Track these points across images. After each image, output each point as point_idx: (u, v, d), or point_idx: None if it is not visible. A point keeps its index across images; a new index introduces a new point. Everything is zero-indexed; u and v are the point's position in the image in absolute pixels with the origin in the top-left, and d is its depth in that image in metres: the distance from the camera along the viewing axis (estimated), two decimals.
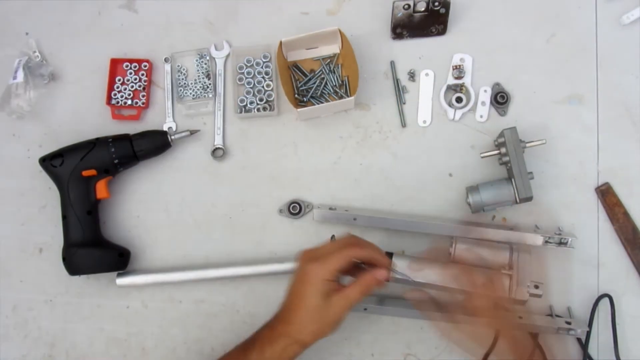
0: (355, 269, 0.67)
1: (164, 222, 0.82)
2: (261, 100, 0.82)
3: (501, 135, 0.73)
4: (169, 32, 0.86)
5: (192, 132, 0.81)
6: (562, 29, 0.81)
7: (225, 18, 0.85)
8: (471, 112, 0.80)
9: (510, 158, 0.71)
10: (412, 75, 0.81)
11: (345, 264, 0.65)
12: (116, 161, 0.77)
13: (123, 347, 0.81)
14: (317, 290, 0.64)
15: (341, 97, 0.81)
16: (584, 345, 0.73)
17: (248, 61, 0.82)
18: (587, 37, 0.80)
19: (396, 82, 0.81)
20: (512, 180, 0.72)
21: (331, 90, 0.81)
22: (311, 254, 0.66)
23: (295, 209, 0.79)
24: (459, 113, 0.80)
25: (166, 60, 0.84)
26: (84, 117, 0.85)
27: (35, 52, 0.86)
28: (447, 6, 0.77)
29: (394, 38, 0.82)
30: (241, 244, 0.81)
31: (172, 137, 0.80)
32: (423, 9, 0.78)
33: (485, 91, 0.80)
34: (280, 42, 0.78)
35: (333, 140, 0.82)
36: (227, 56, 0.84)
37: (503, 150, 0.73)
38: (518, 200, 0.72)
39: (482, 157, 0.75)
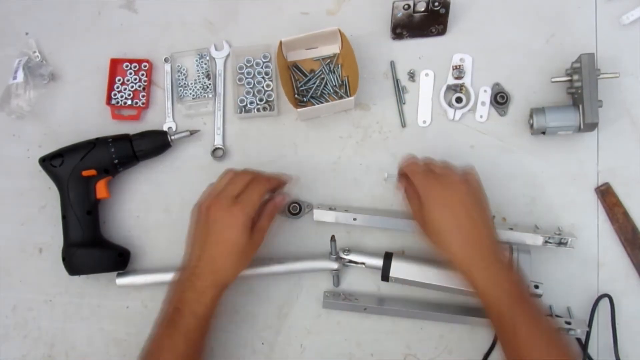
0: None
1: (164, 222, 0.82)
2: (261, 100, 0.82)
3: (577, 60, 0.74)
4: (169, 32, 0.86)
5: (192, 132, 0.81)
6: (562, 29, 0.81)
7: (225, 18, 0.85)
8: (471, 112, 0.80)
9: (583, 83, 0.72)
10: (412, 76, 0.81)
11: (262, 198, 0.70)
12: (116, 161, 0.77)
13: (123, 347, 0.81)
14: (243, 230, 0.67)
15: (341, 97, 0.81)
16: (583, 345, 0.73)
17: (248, 61, 0.82)
18: (587, 37, 0.80)
19: (396, 82, 0.81)
20: (580, 106, 0.72)
21: (331, 90, 0.81)
22: (218, 199, 0.69)
23: (295, 209, 0.79)
24: (459, 113, 0.80)
25: (166, 60, 0.84)
26: (84, 117, 0.85)
27: (35, 52, 0.86)
28: (447, 6, 0.77)
29: (394, 38, 0.82)
30: None
31: (172, 137, 0.80)
32: (423, 9, 0.78)
33: (485, 91, 0.80)
34: (280, 42, 0.78)
35: (333, 140, 0.82)
36: (227, 56, 0.84)
37: (575, 77, 0.73)
38: (583, 125, 0.72)
39: (553, 82, 0.76)
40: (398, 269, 0.72)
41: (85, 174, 0.76)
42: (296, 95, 0.81)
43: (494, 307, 0.62)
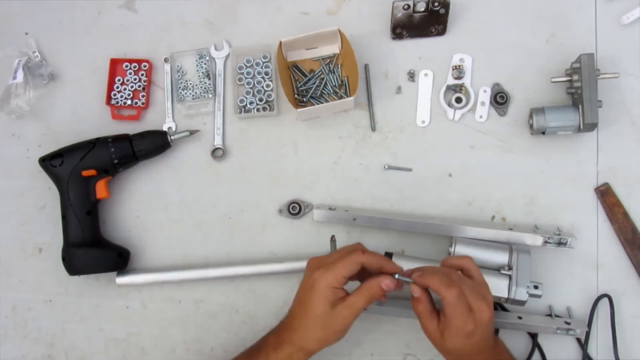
0: (362, 275, 0.66)
1: (163, 222, 0.82)
2: (261, 100, 0.82)
3: (577, 60, 0.74)
4: (169, 32, 0.86)
5: (192, 132, 0.81)
6: (562, 29, 0.81)
7: (225, 18, 0.85)
8: (471, 112, 0.80)
9: (582, 83, 0.72)
10: (411, 76, 0.81)
11: (353, 271, 0.63)
12: (116, 161, 0.77)
13: (122, 347, 0.81)
14: (323, 298, 0.63)
15: (341, 97, 0.81)
16: (583, 345, 0.73)
17: (248, 61, 0.82)
18: (587, 37, 0.80)
19: (368, 84, 0.81)
20: (580, 106, 0.73)
21: (331, 90, 0.81)
22: (318, 262, 0.65)
23: (295, 209, 0.79)
24: (459, 113, 0.80)
25: (166, 60, 0.84)
26: (84, 117, 0.85)
27: (34, 52, 0.86)
28: (446, 6, 0.77)
29: (393, 38, 0.82)
30: (241, 244, 0.81)
31: (172, 137, 0.80)
32: (423, 9, 0.78)
33: (484, 91, 0.80)
34: (280, 42, 0.78)
35: (333, 140, 0.82)
36: (227, 56, 0.84)
37: (575, 77, 0.73)
38: (582, 125, 0.72)
39: (552, 82, 0.76)
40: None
41: (85, 174, 0.76)
42: (296, 95, 0.81)
43: None
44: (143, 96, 0.84)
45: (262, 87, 0.82)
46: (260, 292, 0.80)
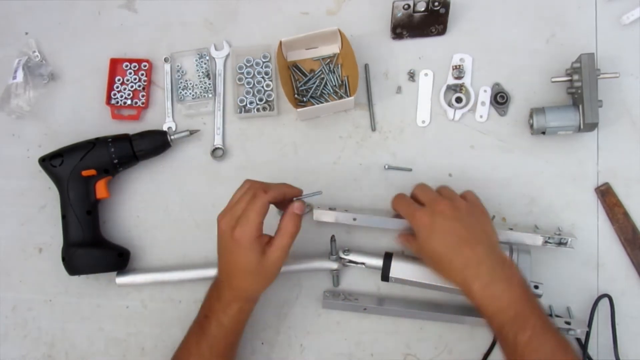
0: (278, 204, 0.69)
1: (164, 222, 0.82)
2: (261, 100, 0.82)
3: (577, 60, 0.74)
4: (169, 32, 0.86)
5: (192, 132, 0.81)
6: (562, 29, 0.81)
7: (225, 18, 0.85)
8: (471, 112, 0.80)
9: (582, 83, 0.72)
10: (411, 75, 0.81)
11: (265, 214, 0.65)
12: (116, 161, 0.77)
13: (122, 347, 0.81)
14: (251, 251, 0.64)
15: (341, 97, 0.81)
16: (583, 345, 0.73)
17: (248, 61, 0.82)
18: (587, 37, 0.80)
19: (368, 84, 0.81)
20: (580, 106, 0.72)
21: (331, 90, 0.81)
22: (229, 219, 0.66)
23: None
24: (459, 113, 0.80)
25: (166, 60, 0.84)
26: (84, 117, 0.85)
27: (34, 52, 0.86)
28: (447, 6, 0.77)
29: (394, 38, 0.82)
30: None
31: (172, 137, 0.80)
32: (423, 9, 0.78)
33: (485, 91, 0.80)
34: (280, 42, 0.78)
35: (333, 140, 0.82)
36: (227, 56, 0.84)
37: (575, 77, 0.73)
38: (583, 125, 0.72)
39: (553, 82, 0.76)
40: (398, 269, 0.72)
41: (85, 174, 0.76)
42: (296, 95, 0.81)
43: (495, 321, 0.62)
44: (143, 96, 0.84)
45: (262, 87, 0.82)
46: None
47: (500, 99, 0.79)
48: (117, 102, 0.84)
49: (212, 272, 0.78)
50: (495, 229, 0.68)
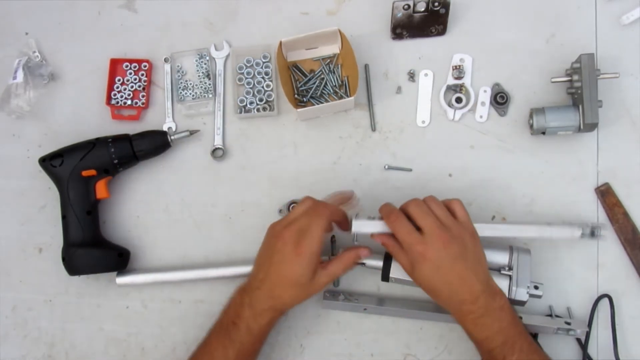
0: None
1: (164, 222, 0.82)
2: (261, 100, 0.82)
3: (577, 60, 0.73)
4: (169, 32, 0.86)
5: (192, 133, 0.81)
6: (562, 29, 0.81)
7: (225, 18, 0.85)
8: (471, 112, 0.80)
9: (582, 83, 0.72)
10: (411, 76, 0.81)
11: (328, 232, 0.67)
12: (116, 161, 0.77)
13: (122, 347, 0.81)
14: (307, 266, 0.65)
15: (341, 97, 0.81)
16: (583, 345, 0.73)
17: (248, 61, 0.82)
18: (587, 37, 0.80)
19: (368, 84, 0.81)
20: (580, 106, 0.72)
21: (331, 90, 0.81)
22: (292, 230, 0.66)
23: None
24: (459, 113, 0.80)
25: (166, 60, 0.84)
26: (84, 117, 0.85)
27: (35, 52, 0.86)
28: (447, 6, 0.77)
29: (393, 38, 0.82)
30: (241, 244, 0.81)
31: (172, 137, 0.80)
32: (423, 9, 0.78)
33: (485, 91, 0.80)
34: (280, 42, 0.78)
35: (333, 140, 0.82)
36: (227, 56, 0.84)
37: (575, 77, 0.73)
38: (582, 125, 0.72)
39: (553, 82, 0.76)
40: (398, 269, 0.72)
41: (85, 174, 0.76)
42: (296, 96, 0.81)
43: (484, 345, 0.65)
44: (143, 96, 0.84)
45: (262, 87, 0.82)
46: None
47: (500, 99, 0.79)
48: (117, 102, 0.84)
49: (213, 272, 0.79)
50: (483, 250, 0.67)
